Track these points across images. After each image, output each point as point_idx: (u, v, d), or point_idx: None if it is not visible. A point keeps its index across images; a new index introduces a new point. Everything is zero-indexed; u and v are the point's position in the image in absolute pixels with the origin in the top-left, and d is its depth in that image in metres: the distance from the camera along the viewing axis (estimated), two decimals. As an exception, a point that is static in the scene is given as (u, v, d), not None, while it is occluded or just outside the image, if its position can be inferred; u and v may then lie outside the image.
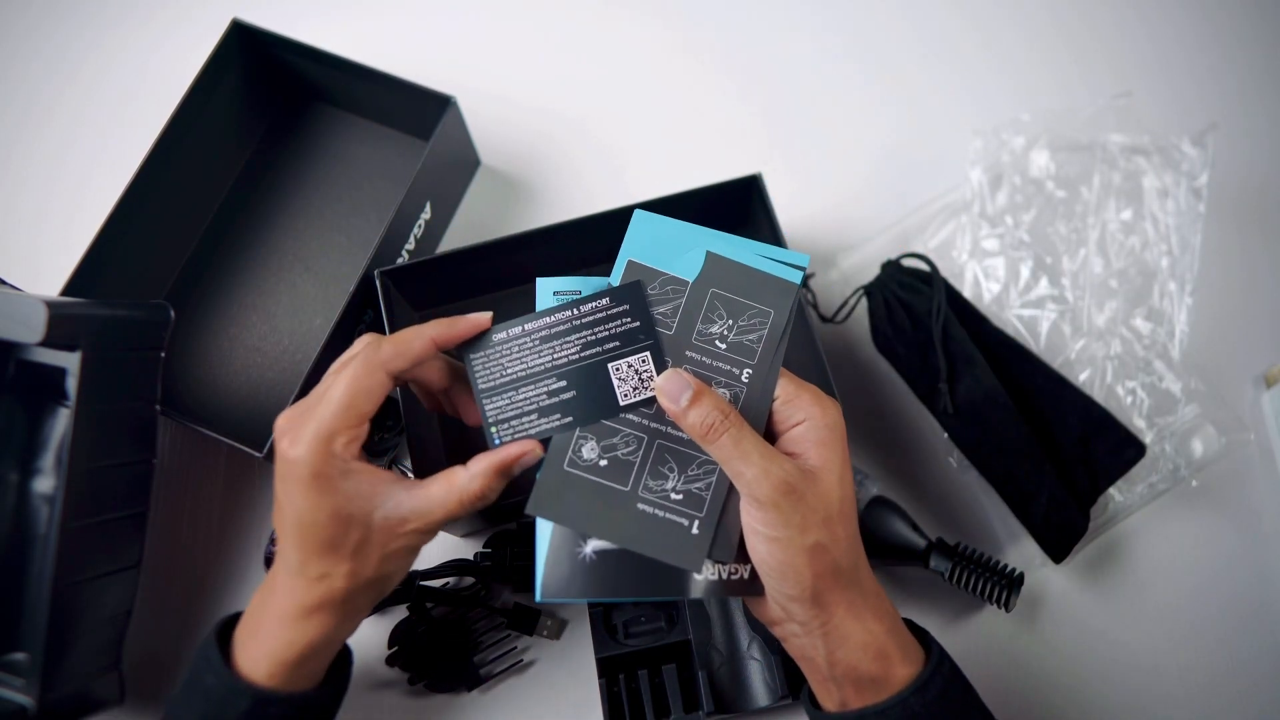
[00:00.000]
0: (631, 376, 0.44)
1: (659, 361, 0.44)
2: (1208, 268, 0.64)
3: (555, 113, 0.73)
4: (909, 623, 0.45)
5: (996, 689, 0.56)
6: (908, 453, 0.62)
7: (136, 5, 0.78)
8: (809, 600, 0.41)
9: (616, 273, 0.45)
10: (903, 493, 0.61)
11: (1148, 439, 0.59)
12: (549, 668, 0.57)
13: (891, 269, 0.61)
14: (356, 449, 0.42)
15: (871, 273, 0.63)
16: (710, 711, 0.53)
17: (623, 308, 0.44)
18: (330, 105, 0.72)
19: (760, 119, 0.74)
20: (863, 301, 0.62)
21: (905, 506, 0.58)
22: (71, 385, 0.49)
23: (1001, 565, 0.55)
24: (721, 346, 0.44)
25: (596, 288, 0.45)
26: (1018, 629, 0.58)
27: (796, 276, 0.45)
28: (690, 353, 0.44)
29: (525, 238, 0.59)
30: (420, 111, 0.64)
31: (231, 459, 0.63)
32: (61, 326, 0.47)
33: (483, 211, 0.71)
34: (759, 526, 0.41)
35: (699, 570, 0.43)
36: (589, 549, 0.43)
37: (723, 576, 0.43)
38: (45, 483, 0.53)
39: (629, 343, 0.44)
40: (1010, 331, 0.61)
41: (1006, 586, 0.54)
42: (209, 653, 0.43)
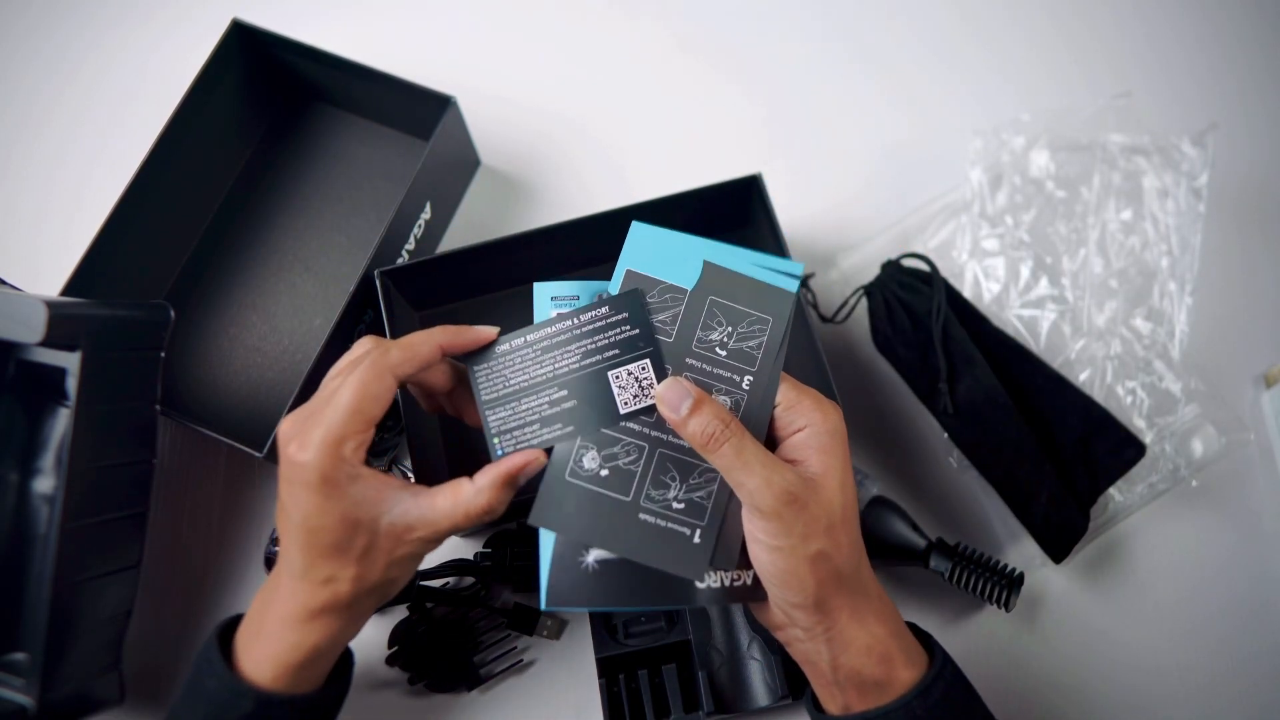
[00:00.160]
0: (631, 384, 0.44)
1: (659, 369, 0.44)
2: (1208, 268, 0.64)
3: (555, 113, 0.73)
4: (912, 626, 0.44)
5: (997, 689, 0.56)
6: (908, 453, 0.62)
7: (136, 5, 0.78)
8: (812, 607, 0.41)
9: (615, 282, 0.45)
10: (903, 493, 0.61)
11: (1148, 439, 0.59)
12: (549, 668, 0.57)
13: (891, 269, 0.61)
14: (364, 454, 0.42)
15: (871, 273, 0.63)
16: (710, 711, 0.53)
17: (622, 316, 0.44)
18: (330, 105, 0.72)
19: (760, 119, 0.74)
20: (863, 301, 0.62)
21: (905, 506, 0.58)
22: (71, 385, 0.49)
23: (1001, 565, 0.55)
24: (722, 354, 0.44)
25: (594, 291, 0.45)
26: (1018, 629, 0.58)
27: (793, 285, 0.45)
28: (690, 360, 0.44)
29: (525, 238, 0.59)
30: (420, 111, 0.64)
31: (231, 459, 0.63)
32: (61, 326, 0.47)
33: (483, 211, 0.71)
34: (761, 536, 0.41)
35: (701, 578, 0.43)
36: (590, 558, 0.43)
37: (725, 584, 0.43)
38: (45, 483, 0.53)
39: (629, 350, 0.44)
40: (1010, 331, 0.61)
41: (1006, 586, 0.54)
42: (210, 655, 0.43)
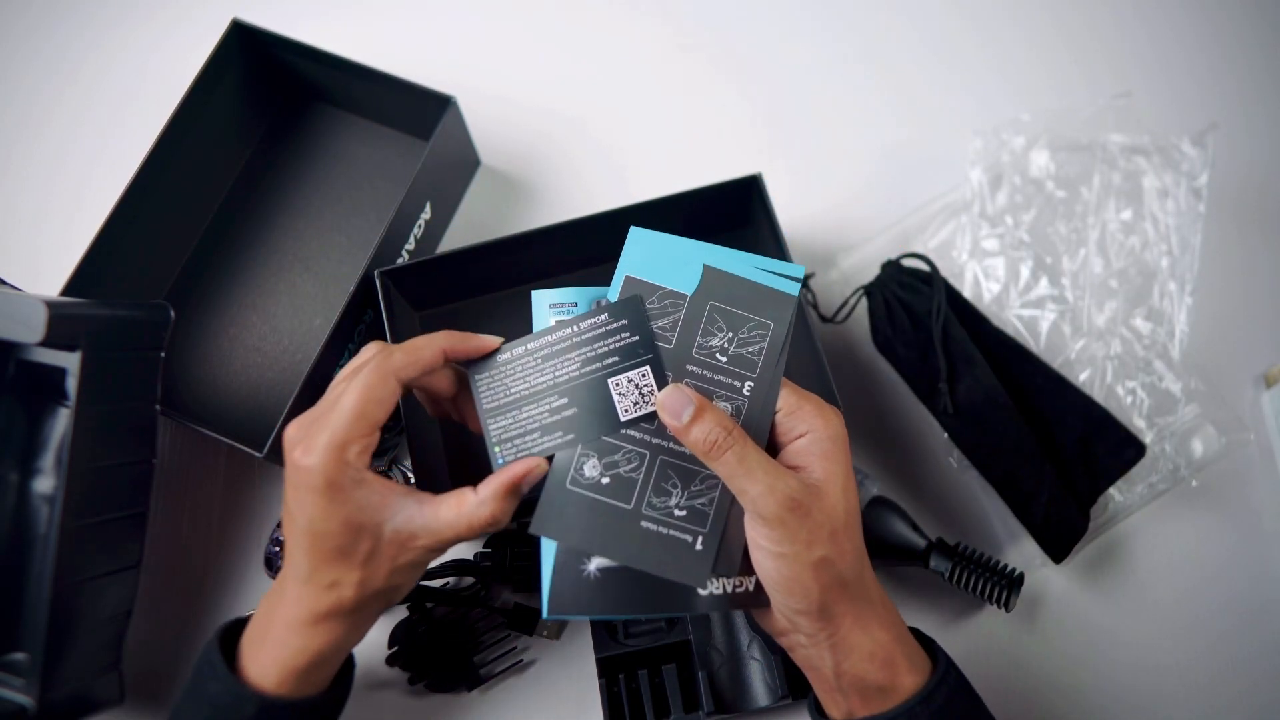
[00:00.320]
0: (632, 391, 0.43)
1: (659, 376, 0.43)
2: (1208, 268, 0.64)
3: (555, 113, 0.73)
4: (915, 631, 0.44)
5: (997, 689, 0.56)
6: (908, 453, 0.62)
7: (136, 5, 0.78)
8: (816, 613, 0.40)
9: (614, 289, 0.45)
10: (903, 493, 0.61)
11: (1148, 439, 0.59)
12: (549, 668, 0.57)
13: (891, 269, 0.61)
14: (368, 458, 0.42)
15: (871, 273, 0.63)
16: (710, 711, 0.53)
17: (622, 322, 0.44)
18: (330, 105, 0.72)
19: (760, 119, 0.74)
20: (863, 301, 0.62)
21: (905, 506, 0.58)
22: (71, 385, 0.49)
23: (1001, 565, 0.55)
24: (722, 359, 0.44)
25: (592, 298, 0.45)
26: (1018, 629, 0.58)
27: (794, 288, 0.45)
28: (691, 366, 0.44)
29: (525, 238, 0.59)
30: (420, 111, 0.64)
31: (231, 459, 0.63)
32: (61, 326, 0.47)
33: (483, 211, 0.71)
34: (764, 542, 0.40)
35: (704, 586, 0.42)
36: (592, 566, 0.43)
37: (728, 590, 0.43)
38: (45, 483, 0.53)
39: (629, 357, 0.44)
40: (1010, 331, 0.61)
41: (1006, 586, 0.54)
42: (212, 659, 0.43)
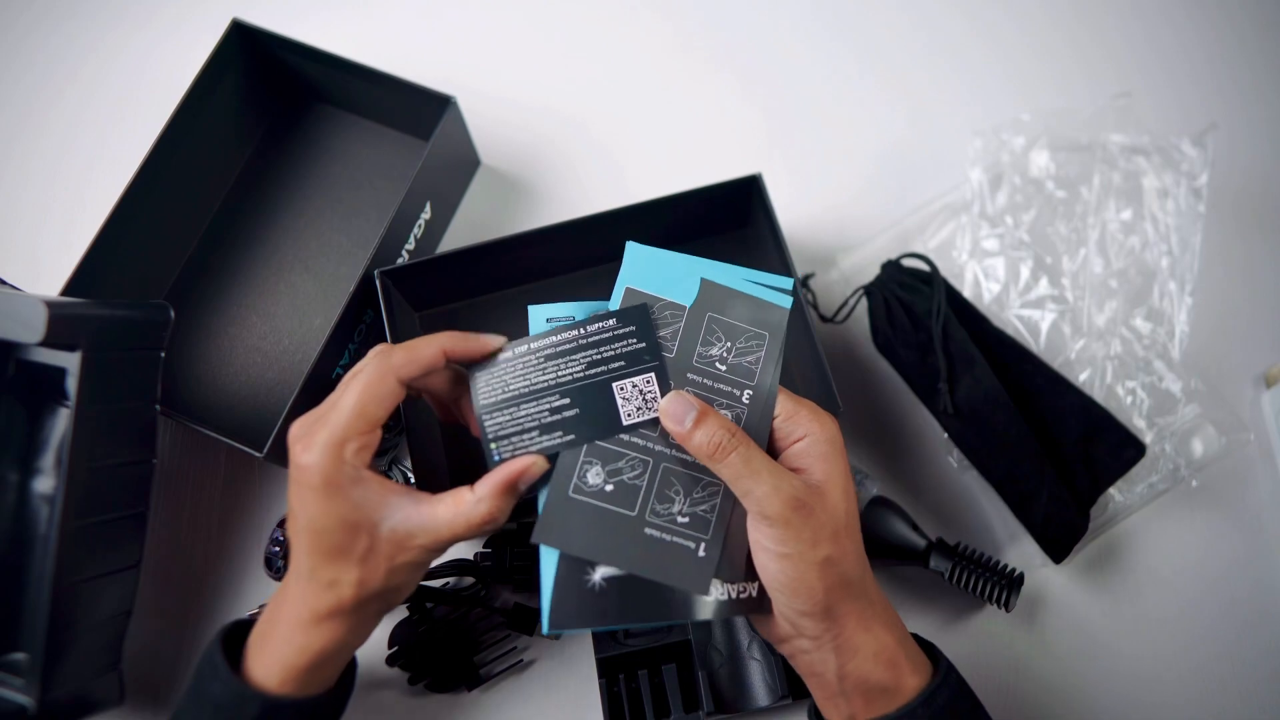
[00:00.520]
0: (635, 396, 0.44)
1: (663, 383, 0.44)
2: (1208, 268, 0.64)
3: (555, 113, 0.73)
4: (915, 635, 0.45)
5: (996, 689, 0.56)
6: (908, 453, 0.62)
7: (136, 5, 0.78)
8: (820, 614, 0.41)
9: (614, 301, 0.45)
10: (903, 493, 0.61)
11: (1148, 439, 0.59)
12: (549, 668, 0.57)
13: (891, 269, 0.61)
14: (368, 456, 0.42)
15: (871, 273, 0.63)
16: (710, 711, 0.53)
17: (629, 329, 0.44)
18: (330, 105, 0.72)
19: (760, 119, 0.74)
20: (863, 301, 0.62)
21: (905, 506, 0.58)
22: (71, 385, 0.49)
23: (1001, 565, 0.55)
24: (722, 368, 0.45)
25: (590, 311, 0.45)
26: (1018, 629, 0.58)
27: (787, 301, 0.47)
28: (691, 375, 0.45)
29: (525, 238, 0.59)
30: (420, 111, 0.64)
31: (231, 459, 0.63)
32: (61, 326, 0.47)
33: (483, 211, 0.71)
34: (769, 544, 0.41)
35: (706, 592, 0.43)
36: (598, 576, 0.43)
37: (731, 596, 0.43)
38: (45, 483, 0.53)
39: (634, 363, 0.44)
40: (1010, 331, 0.61)
41: (1006, 586, 0.54)
42: (214, 659, 0.43)
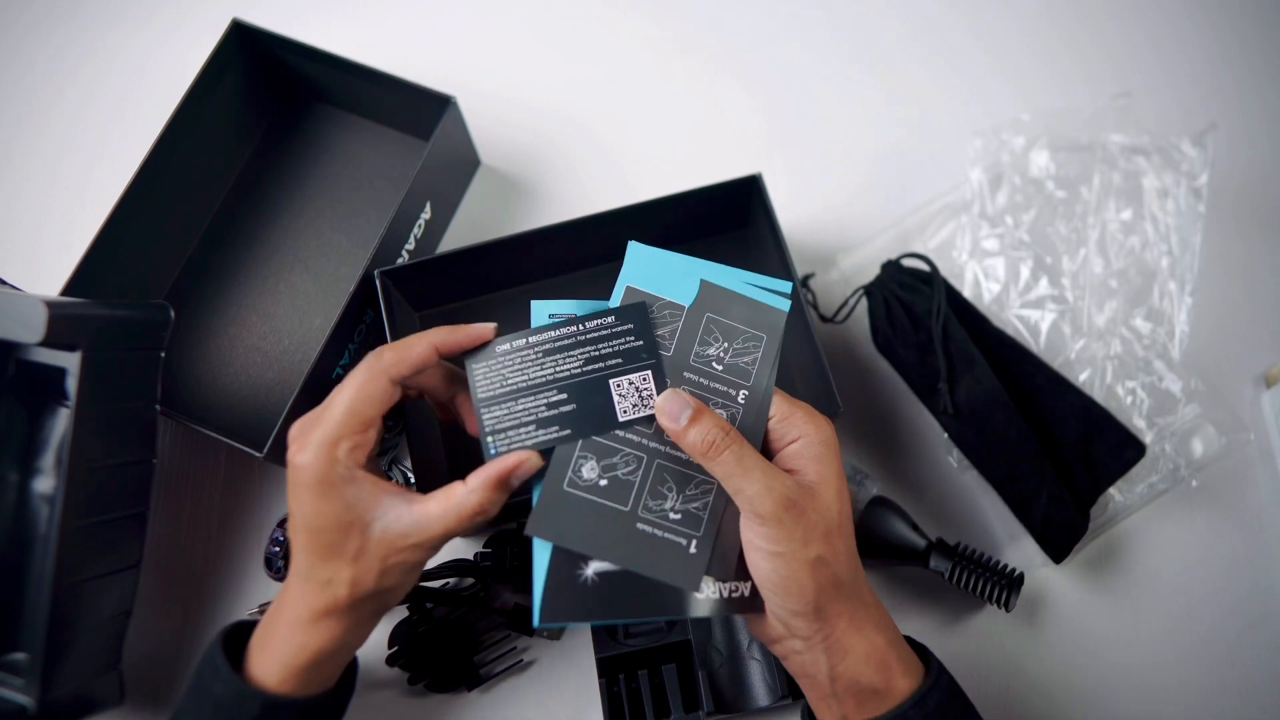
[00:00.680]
0: (632, 393, 0.44)
1: (660, 381, 0.44)
2: (1208, 268, 0.64)
3: (555, 113, 0.73)
4: (907, 638, 0.45)
5: (996, 689, 0.56)
6: (908, 453, 0.62)
7: (136, 5, 0.78)
8: (811, 614, 0.41)
9: (615, 299, 0.46)
10: (903, 493, 0.61)
11: (1148, 439, 0.59)
12: (549, 668, 0.57)
13: (891, 269, 0.61)
14: (361, 456, 0.42)
15: (871, 273, 0.63)
16: (710, 711, 0.53)
17: (627, 326, 0.45)
18: (330, 105, 0.72)
19: (760, 119, 0.74)
20: (863, 301, 0.62)
21: (905, 506, 0.58)
22: (71, 385, 0.49)
23: (1001, 565, 0.55)
24: (718, 368, 0.45)
25: (591, 310, 0.46)
26: (1018, 629, 0.58)
27: (785, 304, 0.47)
28: (688, 374, 0.45)
29: (525, 238, 0.59)
30: (420, 111, 0.64)
31: (231, 459, 0.63)
32: (61, 326, 0.47)
33: (483, 211, 0.71)
34: (761, 542, 0.41)
35: (697, 589, 0.43)
36: (590, 571, 0.43)
37: (723, 595, 0.43)
38: (45, 483, 0.53)
39: (632, 360, 0.45)
40: (1010, 331, 0.61)
41: (1006, 586, 0.54)
42: (215, 659, 0.43)
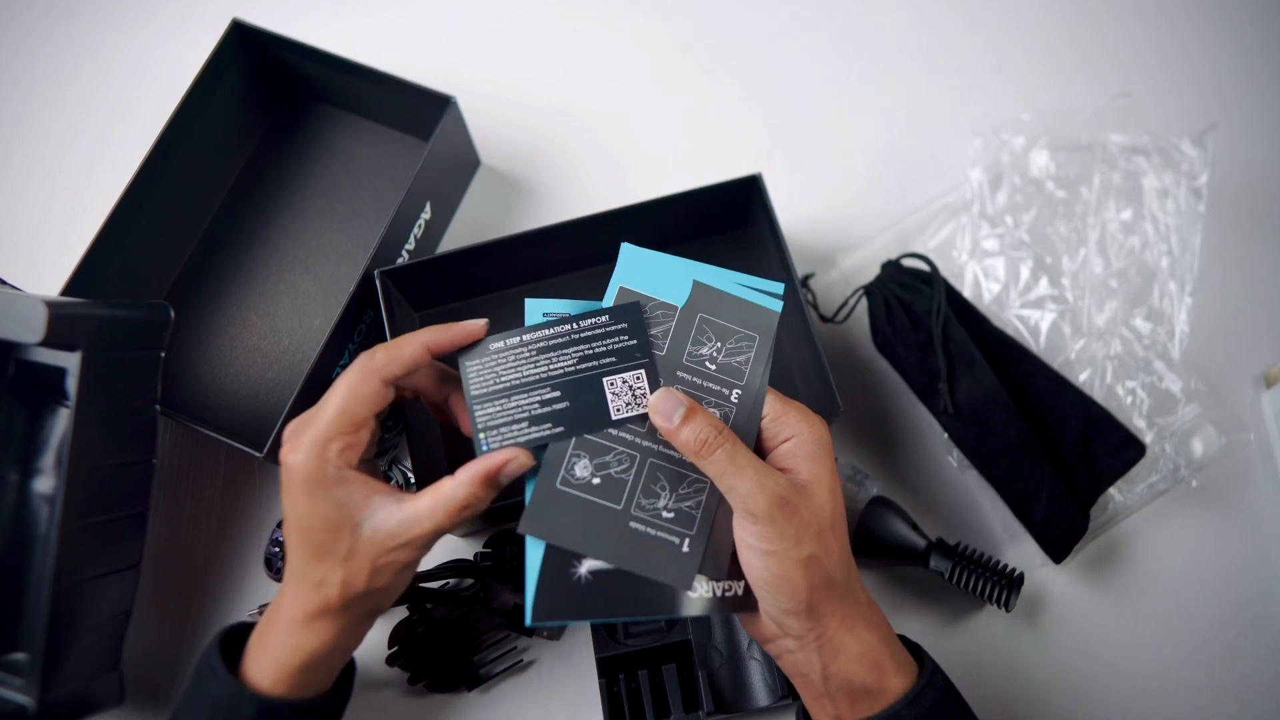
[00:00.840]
0: (625, 392, 0.44)
1: (653, 380, 0.45)
2: (1208, 268, 0.64)
3: (555, 113, 0.73)
4: (901, 637, 0.45)
5: (996, 688, 0.56)
6: (908, 453, 0.62)
7: (136, 5, 0.78)
8: (804, 613, 0.41)
9: (608, 300, 0.46)
10: (903, 493, 0.61)
11: (1148, 439, 0.59)
12: (549, 668, 0.57)
13: (891, 269, 0.61)
14: (353, 456, 0.42)
15: (871, 273, 0.63)
16: (710, 711, 0.53)
17: (621, 325, 0.45)
18: (330, 105, 0.72)
19: (760, 119, 0.74)
20: (863, 301, 0.62)
21: (905, 506, 0.58)
22: (71, 385, 0.49)
23: (1001, 565, 0.55)
24: (711, 368, 0.46)
25: (585, 309, 0.46)
26: (1018, 629, 0.58)
27: (777, 304, 0.47)
28: (681, 373, 0.45)
29: (525, 238, 0.59)
30: (420, 111, 0.64)
31: (231, 459, 0.63)
32: (61, 326, 0.47)
33: (483, 211, 0.71)
34: (753, 541, 0.41)
35: (689, 587, 0.43)
36: (584, 569, 0.43)
37: (717, 594, 0.43)
38: (45, 483, 0.53)
39: (625, 359, 0.45)
40: (1010, 331, 0.61)
41: (1006, 586, 0.54)
42: (212, 661, 0.43)
